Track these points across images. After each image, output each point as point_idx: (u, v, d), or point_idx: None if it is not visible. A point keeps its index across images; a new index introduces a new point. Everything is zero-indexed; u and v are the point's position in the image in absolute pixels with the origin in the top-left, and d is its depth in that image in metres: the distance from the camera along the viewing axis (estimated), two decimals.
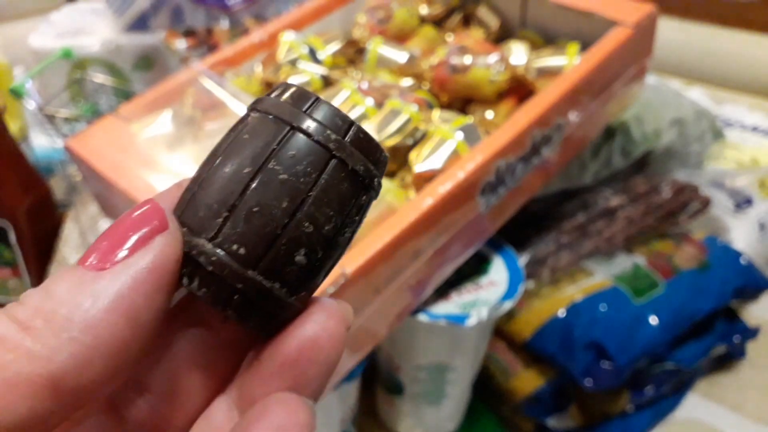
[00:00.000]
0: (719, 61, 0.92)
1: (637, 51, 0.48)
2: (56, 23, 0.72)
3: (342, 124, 0.16)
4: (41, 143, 0.65)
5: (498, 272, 0.44)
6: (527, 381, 0.48)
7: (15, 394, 0.12)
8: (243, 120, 0.16)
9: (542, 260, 0.50)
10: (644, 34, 0.48)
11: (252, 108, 0.16)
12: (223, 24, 0.68)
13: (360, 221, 0.17)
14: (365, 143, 0.16)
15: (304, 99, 0.16)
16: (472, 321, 0.39)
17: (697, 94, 0.77)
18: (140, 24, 0.68)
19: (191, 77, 0.44)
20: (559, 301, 0.48)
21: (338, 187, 0.15)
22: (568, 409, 0.48)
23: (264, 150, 0.15)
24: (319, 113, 0.16)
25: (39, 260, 0.55)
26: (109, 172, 0.38)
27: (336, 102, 0.42)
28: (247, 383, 0.16)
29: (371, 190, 0.16)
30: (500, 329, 0.49)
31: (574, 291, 0.48)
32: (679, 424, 0.50)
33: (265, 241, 0.15)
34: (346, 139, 0.16)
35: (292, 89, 0.16)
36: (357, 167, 0.16)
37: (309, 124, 0.15)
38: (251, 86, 0.46)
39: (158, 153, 0.39)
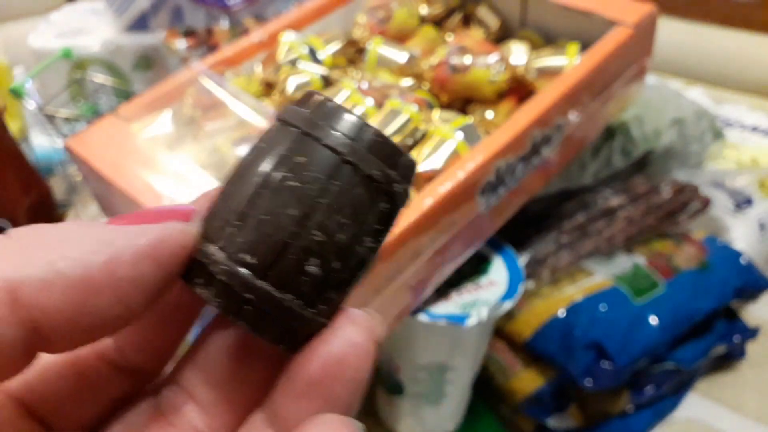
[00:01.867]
0: (719, 61, 0.92)
1: (637, 51, 0.48)
2: (56, 23, 0.72)
3: (356, 128, 0.15)
4: (41, 143, 0.65)
5: (498, 272, 0.44)
6: (527, 381, 0.48)
7: None
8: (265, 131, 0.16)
9: (542, 260, 0.50)
10: (644, 34, 0.48)
11: (275, 117, 0.16)
12: (223, 24, 0.68)
13: (384, 231, 0.16)
14: (383, 147, 0.15)
15: (322, 106, 0.15)
16: (472, 321, 0.39)
17: (697, 94, 0.77)
18: (140, 24, 0.68)
19: (191, 77, 0.44)
20: (559, 301, 0.48)
21: (351, 193, 0.15)
22: (568, 409, 0.48)
23: (275, 158, 0.15)
24: (334, 119, 0.15)
25: None
26: (109, 172, 0.38)
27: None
28: (279, 402, 0.15)
29: (394, 197, 0.15)
30: (500, 329, 0.49)
31: (574, 291, 0.48)
32: (679, 424, 0.50)
33: (274, 250, 0.14)
34: (360, 143, 0.15)
35: (314, 98, 0.16)
36: (372, 172, 0.15)
37: (321, 130, 0.15)
38: (251, 86, 0.46)
39: (158, 153, 0.39)
